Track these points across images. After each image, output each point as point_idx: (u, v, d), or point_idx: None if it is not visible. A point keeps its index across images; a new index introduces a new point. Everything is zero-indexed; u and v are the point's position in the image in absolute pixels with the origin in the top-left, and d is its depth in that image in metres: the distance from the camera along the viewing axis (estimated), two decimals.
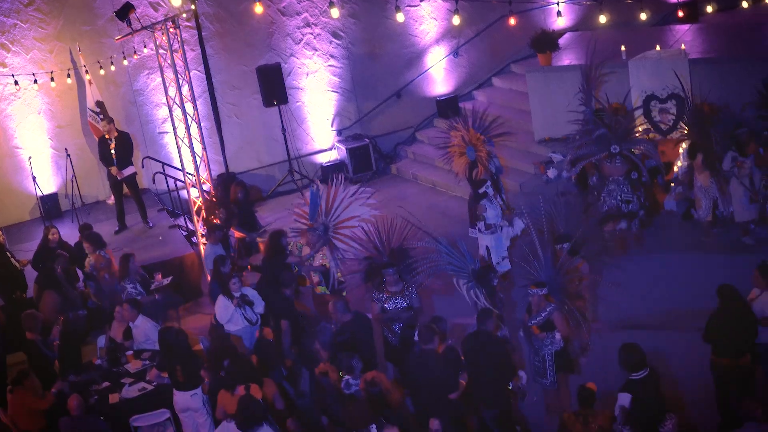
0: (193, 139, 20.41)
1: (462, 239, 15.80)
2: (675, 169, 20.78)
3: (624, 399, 12.54)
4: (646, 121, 21.90)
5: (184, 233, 22.36)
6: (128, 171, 22.07)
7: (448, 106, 27.01)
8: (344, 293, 16.83)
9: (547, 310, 14.68)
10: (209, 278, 18.51)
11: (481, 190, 19.07)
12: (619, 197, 19.81)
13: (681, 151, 20.45)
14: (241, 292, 16.52)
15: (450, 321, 15.18)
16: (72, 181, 23.32)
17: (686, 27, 25.37)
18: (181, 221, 23.06)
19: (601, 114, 20.41)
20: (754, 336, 14.06)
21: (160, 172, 23.72)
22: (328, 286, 17.48)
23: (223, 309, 16.49)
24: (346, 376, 13.81)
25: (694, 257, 19.25)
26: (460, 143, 19.80)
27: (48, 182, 23.96)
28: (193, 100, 20.55)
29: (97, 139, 22.69)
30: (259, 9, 22.35)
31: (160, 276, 18.73)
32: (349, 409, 12.96)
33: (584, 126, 20.45)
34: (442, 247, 15.47)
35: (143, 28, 19.72)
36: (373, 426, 12.84)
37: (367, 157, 26.35)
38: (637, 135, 20.26)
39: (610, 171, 19.84)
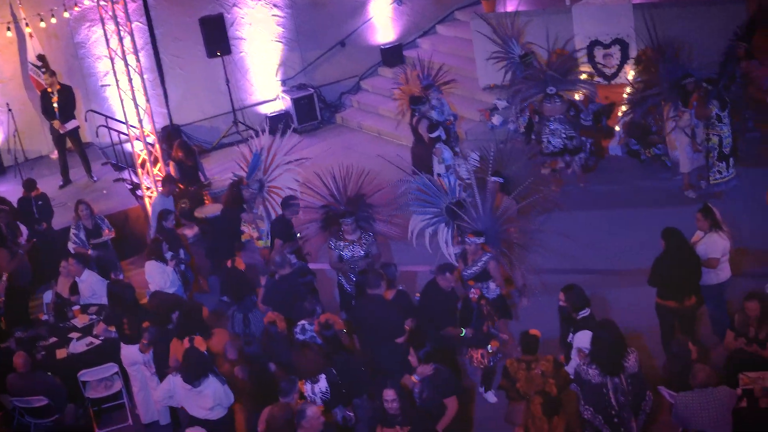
0: (135, 92, 20.23)
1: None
2: (618, 113, 20.89)
3: (581, 339, 12.61)
4: (590, 65, 22.00)
5: (129, 186, 22.21)
6: (71, 125, 21.85)
7: (392, 54, 26.96)
8: (299, 245, 16.82)
9: (483, 259, 14.73)
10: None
11: (434, 134, 19.17)
12: (564, 135, 19.97)
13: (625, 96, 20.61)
14: (172, 254, 16.57)
15: (405, 268, 15.26)
16: (14, 136, 23.09)
17: None
18: (125, 174, 22.90)
19: (528, 59, 20.51)
20: (698, 278, 14.19)
21: (104, 126, 23.47)
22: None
23: (159, 274, 16.49)
24: (302, 321, 13.86)
25: (638, 206, 19.41)
26: (405, 91, 19.97)
27: None
28: (136, 52, 20.34)
29: (39, 93, 22.39)
30: None
31: (108, 230, 18.64)
32: (301, 355, 12.96)
33: (518, 72, 20.62)
34: (419, 181, 15.58)
35: None
36: (323, 376, 12.89)
37: (312, 107, 26.24)
38: (573, 76, 20.42)
39: (551, 111, 20.12)
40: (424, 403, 12.41)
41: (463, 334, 13.86)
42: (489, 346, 13.88)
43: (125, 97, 20.35)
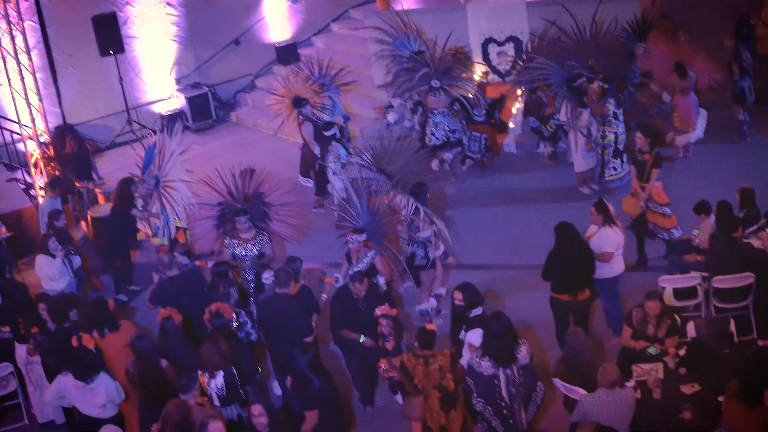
0: (28, 91, 20.04)
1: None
2: (513, 111, 21.13)
3: (474, 337, 12.73)
4: (485, 64, 22.20)
5: (22, 186, 21.93)
6: None
7: (287, 52, 26.98)
8: (189, 246, 16.77)
9: (369, 255, 14.83)
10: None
11: (329, 133, 19.22)
12: (446, 128, 20.24)
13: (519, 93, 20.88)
14: (61, 247, 16.44)
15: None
16: None
17: None
18: (18, 174, 22.58)
19: (422, 56, 20.68)
20: (591, 272, 14.41)
21: None
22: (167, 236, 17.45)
23: (47, 266, 16.36)
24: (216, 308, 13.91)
25: (532, 202, 19.67)
26: (286, 94, 20.09)
27: None
28: (28, 51, 20.16)
29: None
30: None
31: (4, 229, 18.42)
32: (207, 347, 13.03)
33: (406, 67, 20.88)
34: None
35: None
36: (220, 373, 12.90)
37: (207, 106, 26.15)
38: (457, 72, 20.67)
39: (434, 103, 20.45)
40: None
41: (361, 341, 13.87)
42: (390, 361, 13.75)
43: (17, 96, 20.12)
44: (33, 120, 20.19)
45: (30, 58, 20.08)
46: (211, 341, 13.17)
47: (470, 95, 20.66)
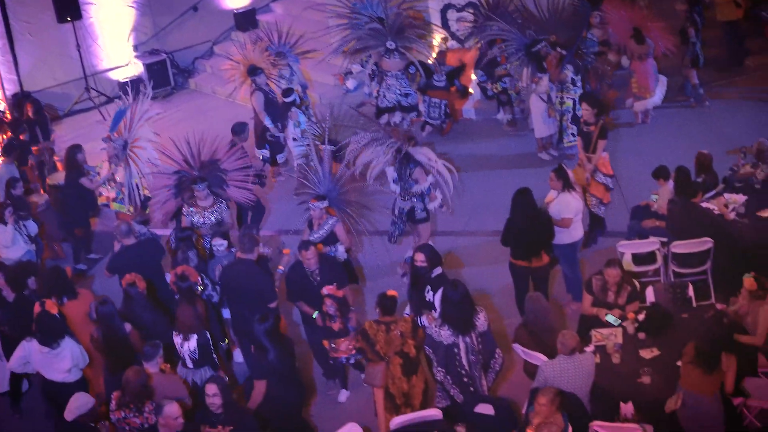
0: None
1: None
2: (473, 77, 21.11)
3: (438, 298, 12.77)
4: (444, 29, 22.15)
5: None
6: None
7: (245, 19, 26.75)
8: (146, 211, 16.68)
9: (329, 223, 14.82)
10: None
11: (289, 99, 19.13)
12: (398, 91, 20.19)
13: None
14: (11, 211, 16.37)
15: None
16: None
17: None
18: None
19: (382, 22, 20.63)
20: (550, 237, 14.47)
21: None
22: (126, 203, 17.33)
23: (0, 234, 16.23)
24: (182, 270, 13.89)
25: (492, 168, 19.67)
26: (242, 61, 19.97)
27: None
28: None
29: None
30: None
31: None
32: (183, 309, 13.09)
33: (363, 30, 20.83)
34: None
35: None
36: (194, 336, 12.95)
37: (165, 73, 25.91)
38: (414, 34, 20.61)
39: (389, 66, 20.31)
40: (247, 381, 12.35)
41: (314, 317, 13.71)
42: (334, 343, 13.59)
43: None
44: None
45: None
46: (188, 303, 13.18)
47: (429, 61, 20.64)
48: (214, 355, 13.26)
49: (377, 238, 16.46)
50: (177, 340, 13.06)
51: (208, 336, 13.13)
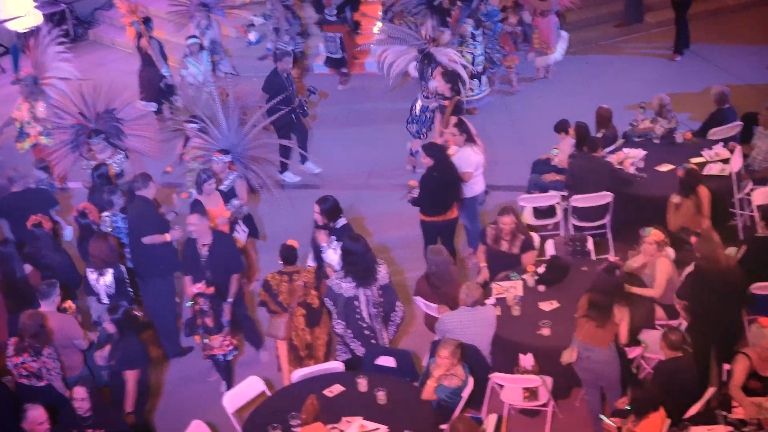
0: None
1: None
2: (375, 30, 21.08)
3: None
4: None
5: None
6: None
7: None
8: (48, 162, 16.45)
9: (230, 178, 14.72)
10: None
11: (190, 42, 19.00)
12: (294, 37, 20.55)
13: None
14: None
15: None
16: None
17: None
18: None
19: None
20: (461, 191, 14.50)
21: None
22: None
23: None
24: (104, 213, 13.86)
25: (394, 123, 19.57)
26: (128, 12, 19.77)
27: None
28: None
29: None
30: None
31: None
32: (96, 245, 12.91)
33: None
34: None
35: None
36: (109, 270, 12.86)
37: (64, 23, 25.48)
38: None
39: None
40: (112, 374, 12.00)
41: (188, 305, 13.17)
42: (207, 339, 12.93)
43: None
44: None
45: None
46: (100, 238, 13.04)
47: None
48: (129, 289, 13.15)
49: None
50: (92, 276, 12.93)
51: (123, 269, 13.06)
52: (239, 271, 13.27)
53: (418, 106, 17.49)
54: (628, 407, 10.56)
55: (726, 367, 11.32)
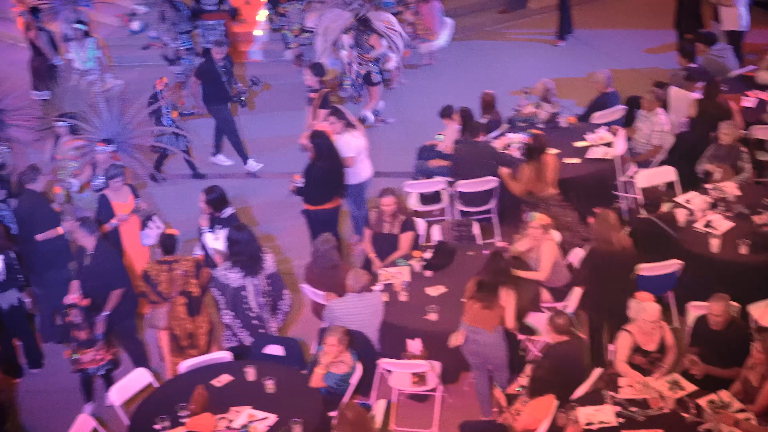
0: None
1: None
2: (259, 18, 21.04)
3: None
4: None
5: None
6: None
7: None
8: None
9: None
10: None
11: (75, 26, 18.72)
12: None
13: None
14: None
15: None
16: None
17: None
18: None
19: None
20: (343, 178, 14.48)
21: None
22: None
23: None
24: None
25: (279, 110, 19.53)
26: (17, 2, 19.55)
27: None
28: None
29: None
30: None
31: None
32: None
33: None
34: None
35: None
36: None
37: None
38: None
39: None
40: None
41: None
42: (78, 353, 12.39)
43: None
44: None
45: None
46: None
47: None
48: (20, 276, 12.96)
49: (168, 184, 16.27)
50: None
51: (14, 255, 12.85)
52: (121, 287, 12.56)
53: (354, 71, 17.89)
54: (519, 389, 10.68)
55: (612, 347, 11.49)
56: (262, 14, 20.94)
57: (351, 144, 14.71)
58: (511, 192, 14.24)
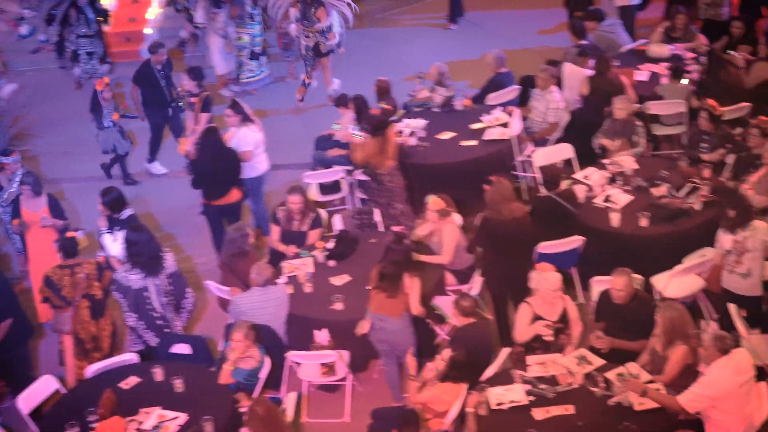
0: None
1: None
2: (150, 16, 20.84)
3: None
4: None
5: None
6: None
7: None
8: None
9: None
10: None
11: None
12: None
13: None
14: None
15: None
16: None
17: None
18: None
19: None
20: (239, 172, 14.42)
21: None
22: None
23: None
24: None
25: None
26: None
27: None
28: None
29: None
30: None
31: None
32: None
33: None
34: None
35: None
36: None
37: None
38: None
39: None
40: None
41: None
42: None
43: None
44: None
45: None
46: None
47: None
48: None
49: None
50: None
51: None
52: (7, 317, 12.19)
53: (302, 45, 18.59)
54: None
55: None
56: (152, 12, 20.71)
57: (249, 138, 14.65)
58: (353, 160, 14.54)
